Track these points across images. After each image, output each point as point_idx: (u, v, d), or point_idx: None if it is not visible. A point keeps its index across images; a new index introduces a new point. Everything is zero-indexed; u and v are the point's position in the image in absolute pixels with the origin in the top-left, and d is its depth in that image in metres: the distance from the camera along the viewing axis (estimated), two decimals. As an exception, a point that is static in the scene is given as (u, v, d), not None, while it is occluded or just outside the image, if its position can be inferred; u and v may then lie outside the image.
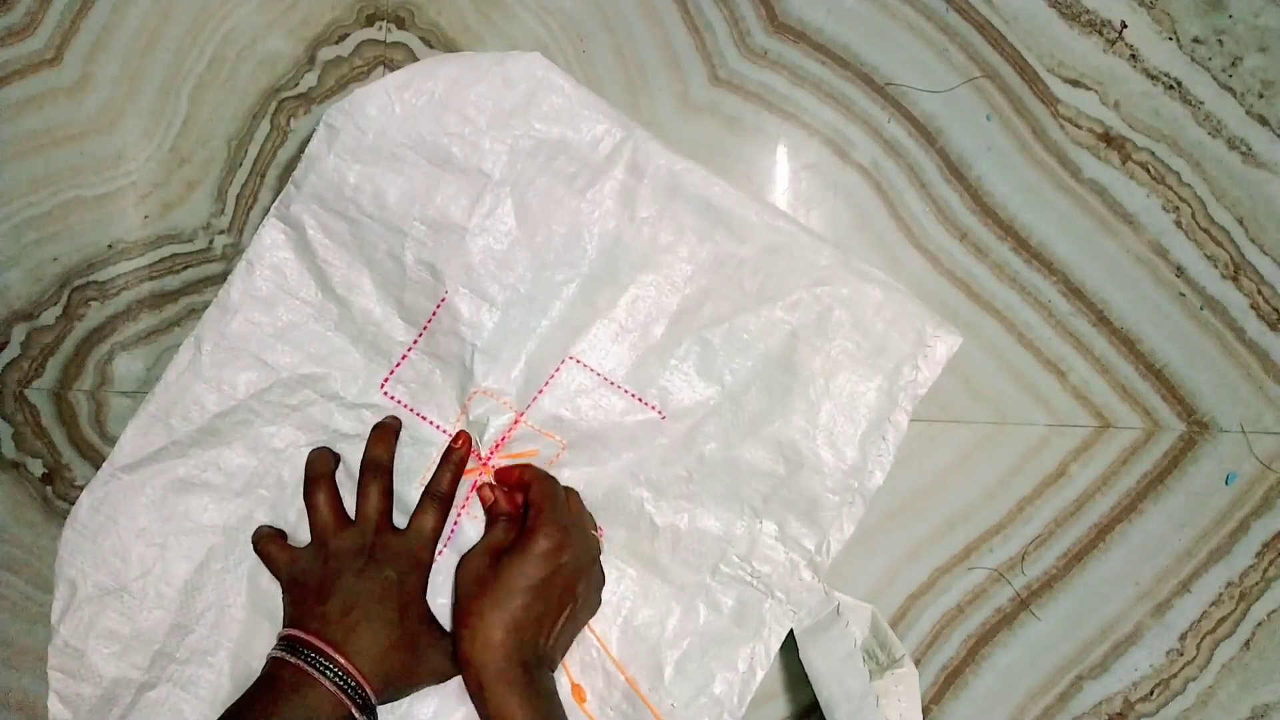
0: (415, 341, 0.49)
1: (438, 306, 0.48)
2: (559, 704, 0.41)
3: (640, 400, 0.49)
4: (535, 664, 0.40)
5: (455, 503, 0.48)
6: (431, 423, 0.49)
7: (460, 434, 0.48)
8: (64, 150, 0.53)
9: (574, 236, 0.48)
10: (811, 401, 0.48)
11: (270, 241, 0.48)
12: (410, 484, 0.48)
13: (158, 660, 0.46)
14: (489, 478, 0.48)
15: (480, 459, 0.49)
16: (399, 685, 0.42)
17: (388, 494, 0.46)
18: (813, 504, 0.48)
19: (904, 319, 0.48)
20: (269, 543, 0.46)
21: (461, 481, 0.48)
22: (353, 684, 0.38)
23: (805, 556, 0.48)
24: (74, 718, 0.45)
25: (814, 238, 0.49)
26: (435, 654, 0.43)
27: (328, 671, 0.38)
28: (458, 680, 0.45)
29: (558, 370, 0.49)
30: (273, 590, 0.47)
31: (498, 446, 0.49)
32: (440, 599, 0.47)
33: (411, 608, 0.43)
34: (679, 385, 0.49)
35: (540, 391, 0.48)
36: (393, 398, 0.49)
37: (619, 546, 0.49)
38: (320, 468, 0.46)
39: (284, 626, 0.43)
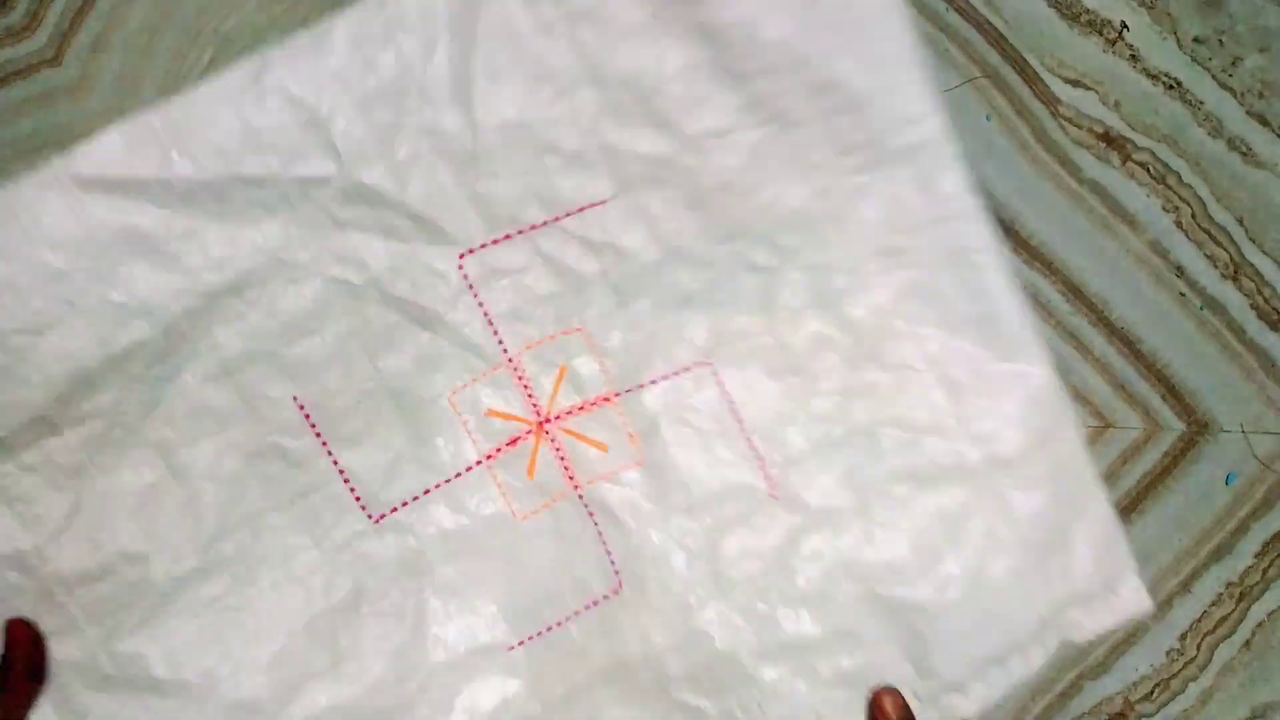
0: (537, 226, 0.34)
1: (590, 205, 0.34)
2: None
3: (759, 459, 0.37)
4: None
5: (482, 449, 0.36)
6: (499, 340, 0.36)
7: None
8: (64, 150, 0.53)
9: (803, 218, 0.35)
10: (948, 576, 0.36)
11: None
12: (437, 392, 0.36)
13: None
14: (542, 445, 0.37)
15: (539, 414, 0.37)
16: None
17: None
18: None
19: (1107, 548, 0.36)
20: None
21: (507, 431, 0.37)
22: None
23: None
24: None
25: (1072, 407, 0.37)
26: None
27: None
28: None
29: (688, 370, 0.37)
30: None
31: (569, 413, 0.37)
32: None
33: None
34: (814, 471, 0.36)
35: (653, 381, 0.37)
36: (465, 275, 0.35)
37: (645, 606, 0.37)
38: None
39: None
